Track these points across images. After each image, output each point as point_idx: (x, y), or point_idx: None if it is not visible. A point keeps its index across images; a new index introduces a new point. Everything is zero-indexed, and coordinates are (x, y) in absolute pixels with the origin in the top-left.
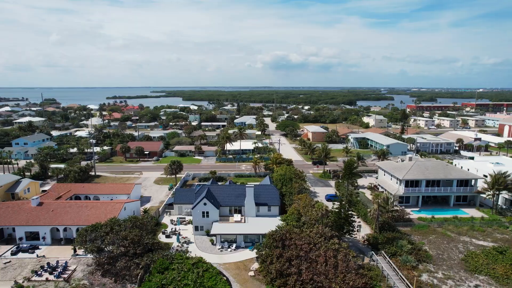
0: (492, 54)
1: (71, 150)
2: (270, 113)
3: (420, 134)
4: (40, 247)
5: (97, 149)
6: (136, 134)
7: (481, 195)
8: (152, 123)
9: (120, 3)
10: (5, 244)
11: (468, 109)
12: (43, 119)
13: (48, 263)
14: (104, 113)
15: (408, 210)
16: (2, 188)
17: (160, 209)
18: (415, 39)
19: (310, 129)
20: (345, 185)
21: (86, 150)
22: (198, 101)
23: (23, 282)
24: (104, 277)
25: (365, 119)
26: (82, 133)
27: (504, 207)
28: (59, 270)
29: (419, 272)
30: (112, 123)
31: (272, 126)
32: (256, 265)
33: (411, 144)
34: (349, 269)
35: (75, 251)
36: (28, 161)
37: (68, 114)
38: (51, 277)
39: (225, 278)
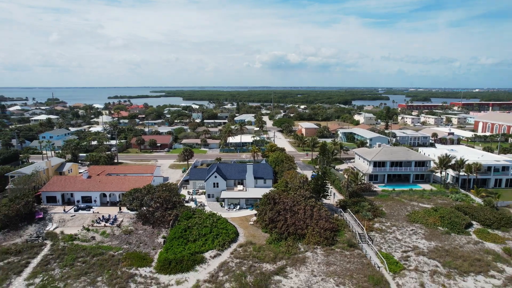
0: (490, 55)
1: (92, 143)
2: (268, 112)
3: (402, 130)
4: (93, 207)
5: (114, 142)
6: (146, 129)
7: (434, 174)
8: (158, 121)
9: (118, 2)
10: (66, 205)
11: (455, 108)
12: (56, 116)
13: (102, 216)
14: (111, 111)
15: (375, 185)
16: (54, 168)
17: (178, 184)
18: (413, 39)
19: (303, 126)
20: (320, 161)
21: (104, 143)
22: (198, 100)
23: (88, 227)
24: (144, 225)
25: (356, 117)
26: (97, 128)
27: (451, 182)
28: (111, 220)
29: (373, 222)
30: (121, 121)
31: (269, 123)
32: (254, 218)
33: (392, 138)
34: (321, 217)
35: (120, 209)
36: (56, 151)
37: (78, 113)
38: (107, 224)
39: (232, 224)
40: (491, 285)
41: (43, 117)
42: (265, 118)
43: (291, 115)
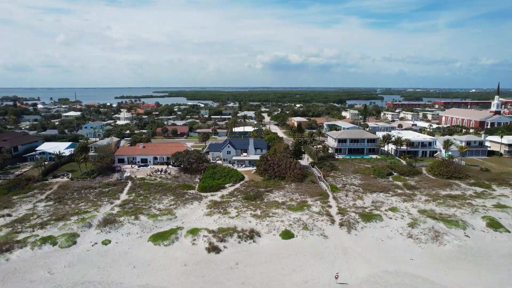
0: (490, 55)
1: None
2: (267, 109)
3: (378, 123)
4: (149, 165)
5: (143, 130)
6: (165, 122)
7: (382, 147)
8: (172, 116)
9: (118, 3)
10: (132, 164)
11: (436, 106)
12: (79, 113)
13: (157, 169)
14: (130, 109)
15: (340, 155)
16: (114, 143)
17: None
18: (414, 39)
19: (296, 119)
20: (296, 135)
21: (135, 131)
22: (202, 100)
23: (149, 175)
24: (185, 173)
25: (343, 113)
26: (121, 122)
27: (392, 153)
28: (163, 171)
29: (330, 172)
30: (139, 116)
31: (267, 118)
32: (254, 170)
33: (365, 128)
34: (296, 169)
35: (167, 165)
36: (96, 138)
37: (100, 110)
38: (162, 173)
39: (241, 173)
40: (385, 195)
41: (72, 113)
42: (264, 115)
43: (287, 112)
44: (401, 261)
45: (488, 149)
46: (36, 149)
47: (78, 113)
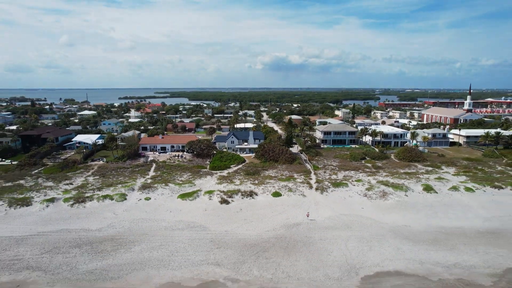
0: (490, 55)
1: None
2: (266, 109)
3: (364, 120)
4: (167, 152)
5: (155, 126)
6: (173, 120)
7: (361, 139)
8: (177, 115)
9: (117, 3)
10: (153, 151)
11: (426, 105)
12: (94, 112)
13: (174, 155)
14: (139, 108)
15: (325, 145)
16: (136, 135)
17: None
18: (414, 40)
19: (292, 117)
20: (288, 128)
21: (149, 127)
22: (203, 100)
23: (168, 159)
24: (197, 158)
25: (336, 112)
26: (132, 120)
27: (369, 144)
28: (180, 156)
29: (314, 157)
30: (148, 115)
31: (266, 117)
32: (253, 156)
33: (353, 124)
34: (287, 154)
35: (183, 151)
36: (113, 133)
37: (111, 109)
38: (179, 158)
39: (243, 157)
40: (355, 172)
41: (86, 112)
42: (263, 114)
43: (284, 111)
44: (354, 209)
45: (451, 140)
46: (72, 139)
47: (93, 112)
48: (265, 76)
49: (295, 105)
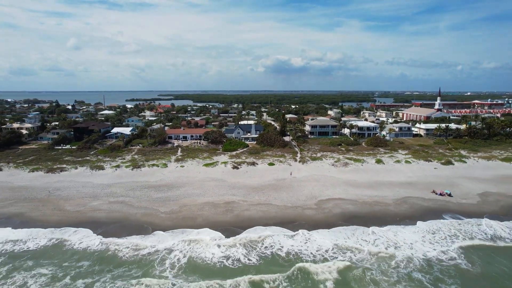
0: (492, 58)
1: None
2: (267, 110)
3: (350, 118)
4: (188, 140)
5: (171, 123)
6: (186, 118)
7: (340, 131)
8: (187, 114)
9: (119, 7)
10: (176, 140)
11: (413, 107)
12: (114, 111)
13: (194, 141)
14: (153, 108)
15: (312, 136)
16: (161, 127)
17: None
18: (416, 42)
19: (288, 116)
20: (282, 122)
21: (166, 124)
22: (207, 102)
23: (189, 144)
24: (212, 144)
25: (329, 112)
26: (150, 118)
27: (348, 135)
28: (198, 142)
29: (302, 144)
30: (163, 114)
31: (266, 116)
32: (255, 143)
33: (339, 121)
34: (281, 141)
35: (201, 139)
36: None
37: (127, 109)
38: (198, 144)
39: (246, 143)
40: (331, 153)
41: (107, 111)
42: (264, 113)
43: (283, 111)
44: (324, 172)
45: (415, 132)
46: (111, 131)
47: (112, 112)
48: (267, 79)
49: (293, 106)
